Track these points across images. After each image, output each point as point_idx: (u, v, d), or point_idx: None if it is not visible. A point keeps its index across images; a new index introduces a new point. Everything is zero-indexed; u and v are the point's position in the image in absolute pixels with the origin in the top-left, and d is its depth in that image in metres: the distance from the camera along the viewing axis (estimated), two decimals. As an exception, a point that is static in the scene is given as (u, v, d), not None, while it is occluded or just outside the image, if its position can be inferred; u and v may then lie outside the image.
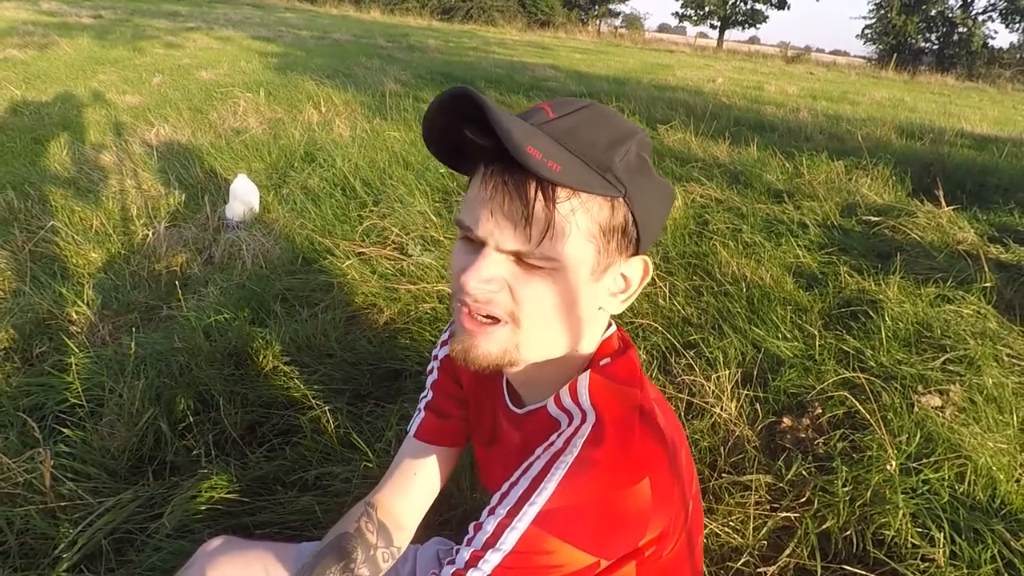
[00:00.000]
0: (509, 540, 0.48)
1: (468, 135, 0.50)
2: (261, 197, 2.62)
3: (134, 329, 1.72)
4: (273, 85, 5.09)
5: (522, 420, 0.63)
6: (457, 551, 0.50)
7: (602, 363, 0.59)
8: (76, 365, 1.48)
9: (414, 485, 0.79)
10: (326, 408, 1.43)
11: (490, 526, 0.49)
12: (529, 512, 0.48)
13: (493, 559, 0.47)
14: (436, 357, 0.81)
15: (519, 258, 0.52)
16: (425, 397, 0.81)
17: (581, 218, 0.51)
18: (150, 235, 2.26)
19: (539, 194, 0.49)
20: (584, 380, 0.57)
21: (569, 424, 0.54)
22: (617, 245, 0.54)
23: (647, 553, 0.51)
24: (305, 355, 1.64)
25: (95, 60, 5.98)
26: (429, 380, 0.81)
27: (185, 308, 1.82)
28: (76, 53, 6.21)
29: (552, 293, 0.53)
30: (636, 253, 0.57)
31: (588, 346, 0.60)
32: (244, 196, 2.51)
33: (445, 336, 0.79)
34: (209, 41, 8.08)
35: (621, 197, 0.52)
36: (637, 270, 0.58)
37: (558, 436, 0.53)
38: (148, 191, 2.80)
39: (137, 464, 1.29)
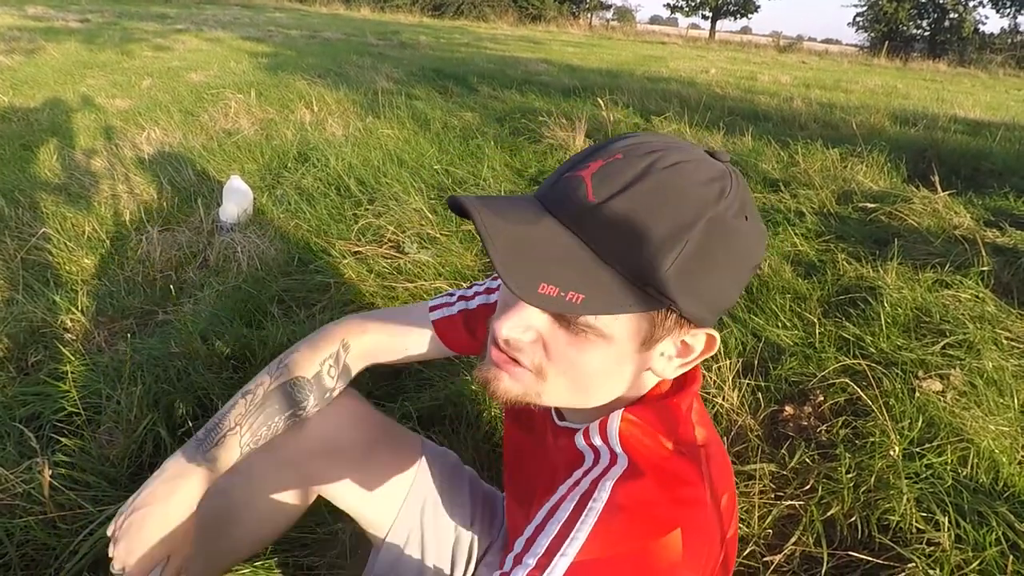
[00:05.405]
0: None
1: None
2: (255, 198, 2.60)
3: (130, 335, 1.71)
4: (264, 85, 5.05)
5: (557, 431, 0.61)
6: None
7: (643, 404, 0.55)
8: (72, 373, 1.46)
9: (401, 348, 0.77)
10: (326, 409, 1.42)
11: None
12: (560, 564, 0.44)
13: None
14: (494, 289, 0.74)
15: (561, 315, 0.47)
16: (466, 304, 0.75)
17: None
18: (143, 240, 2.24)
19: None
20: (616, 420, 0.53)
21: (595, 463, 0.51)
22: (676, 321, 0.48)
23: None
24: (303, 356, 1.63)
25: (83, 64, 5.92)
26: (478, 300, 0.75)
27: (181, 312, 1.80)
28: (64, 58, 6.15)
29: (589, 361, 0.48)
30: (702, 325, 0.50)
31: (631, 397, 0.55)
32: (238, 198, 2.49)
33: None
34: (198, 43, 8.02)
35: (664, 310, 0.46)
36: (700, 341, 0.52)
37: (583, 474, 0.50)
38: (140, 195, 2.77)
39: (137, 471, 1.28)
